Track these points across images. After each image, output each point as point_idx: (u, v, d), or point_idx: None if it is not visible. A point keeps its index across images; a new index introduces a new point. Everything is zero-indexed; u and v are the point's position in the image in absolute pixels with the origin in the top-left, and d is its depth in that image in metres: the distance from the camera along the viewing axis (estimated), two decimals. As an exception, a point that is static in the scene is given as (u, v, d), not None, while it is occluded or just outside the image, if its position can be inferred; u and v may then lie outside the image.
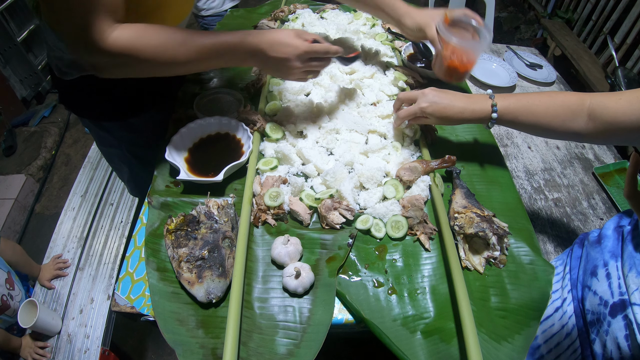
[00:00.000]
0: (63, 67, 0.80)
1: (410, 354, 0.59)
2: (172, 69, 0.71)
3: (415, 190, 0.76)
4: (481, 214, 0.70)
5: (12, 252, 1.34)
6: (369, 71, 1.05)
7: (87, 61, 0.66)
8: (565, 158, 1.19)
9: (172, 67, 0.70)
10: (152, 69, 0.70)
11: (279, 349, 0.59)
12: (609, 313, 0.59)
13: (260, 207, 0.73)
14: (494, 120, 0.76)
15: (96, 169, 1.79)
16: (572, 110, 0.68)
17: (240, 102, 0.96)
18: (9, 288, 1.25)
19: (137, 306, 0.65)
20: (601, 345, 0.60)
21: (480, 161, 0.88)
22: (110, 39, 0.62)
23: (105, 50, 0.62)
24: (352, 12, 1.33)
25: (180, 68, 0.71)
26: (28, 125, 2.47)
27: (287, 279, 0.63)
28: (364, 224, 0.72)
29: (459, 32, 0.86)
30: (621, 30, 2.15)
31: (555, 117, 0.70)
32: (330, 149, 0.86)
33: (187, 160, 0.81)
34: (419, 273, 0.68)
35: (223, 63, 0.75)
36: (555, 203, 1.06)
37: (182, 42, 0.67)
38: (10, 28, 2.25)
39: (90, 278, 1.42)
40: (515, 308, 0.64)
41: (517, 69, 1.43)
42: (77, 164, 2.28)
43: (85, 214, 1.63)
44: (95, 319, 1.32)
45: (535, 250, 0.71)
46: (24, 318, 1.20)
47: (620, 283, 0.59)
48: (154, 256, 0.69)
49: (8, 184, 2.07)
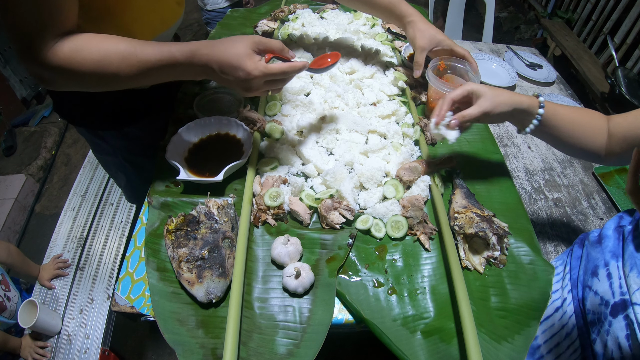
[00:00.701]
0: None
1: (410, 354, 0.59)
2: (115, 83, 0.65)
3: (415, 190, 0.76)
4: (481, 214, 0.70)
5: (7, 253, 1.33)
6: (369, 71, 1.05)
7: (31, 72, 0.62)
8: (565, 158, 1.19)
9: (115, 82, 0.64)
10: (95, 83, 0.65)
11: (279, 349, 0.59)
12: (610, 313, 0.59)
13: (260, 207, 0.73)
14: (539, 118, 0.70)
15: (96, 169, 1.79)
16: (599, 127, 0.70)
17: (240, 102, 0.96)
18: (4, 289, 1.25)
19: (137, 306, 0.65)
20: (602, 345, 0.60)
21: (480, 161, 0.88)
22: (50, 52, 0.58)
23: (44, 63, 0.58)
24: (352, 12, 1.33)
25: (124, 83, 0.65)
26: (28, 125, 2.47)
27: (287, 279, 0.63)
28: (364, 224, 0.72)
29: (451, 77, 0.94)
30: (621, 30, 2.15)
31: (587, 131, 0.71)
32: (330, 149, 0.86)
33: (187, 160, 0.81)
34: (419, 273, 0.68)
35: (172, 77, 0.68)
36: (555, 203, 1.06)
37: (125, 55, 0.61)
38: (10, 28, 2.25)
39: (90, 278, 1.43)
40: (515, 308, 0.64)
41: (517, 69, 1.43)
42: (77, 164, 2.28)
43: (85, 214, 1.63)
44: (95, 319, 1.32)
45: (535, 250, 0.71)
46: (24, 318, 1.20)
47: (622, 283, 0.59)
48: (154, 256, 0.69)
49: (8, 184, 2.07)
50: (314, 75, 1.04)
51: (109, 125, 0.90)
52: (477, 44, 1.62)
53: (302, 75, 1.03)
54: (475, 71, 0.90)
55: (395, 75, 1.04)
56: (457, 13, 2.16)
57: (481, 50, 1.56)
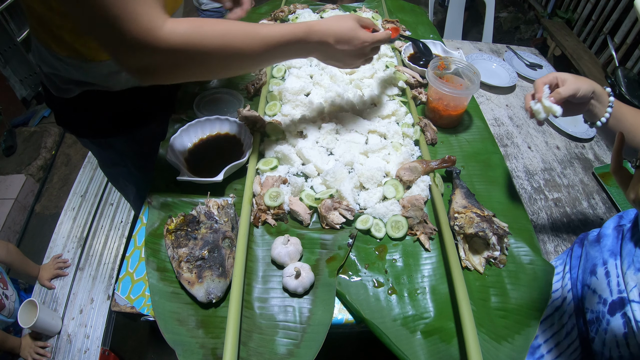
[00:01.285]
0: (61, 83, 0.75)
1: (410, 354, 0.59)
2: (238, 63, 0.63)
3: (415, 190, 0.76)
4: (481, 214, 0.70)
5: (5, 252, 1.33)
6: (369, 71, 1.05)
7: (133, 65, 0.56)
8: (565, 158, 1.19)
9: (238, 61, 0.62)
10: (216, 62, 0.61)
11: (279, 349, 0.59)
12: (608, 311, 0.59)
13: (260, 207, 0.73)
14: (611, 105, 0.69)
15: (96, 169, 1.79)
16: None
17: (240, 102, 0.96)
18: (2, 287, 1.25)
19: (137, 306, 0.65)
20: (601, 344, 0.60)
21: (480, 161, 0.88)
22: (165, 32, 0.52)
23: (160, 46, 0.52)
24: (352, 12, 1.33)
25: (246, 63, 0.64)
26: (28, 125, 2.47)
27: (287, 279, 0.63)
28: (364, 224, 0.72)
29: (451, 77, 0.95)
30: (621, 30, 2.15)
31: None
32: (330, 149, 0.86)
33: (187, 160, 0.81)
34: (419, 273, 0.68)
35: (287, 56, 0.71)
36: (555, 203, 1.06)
37: (248, 31, 0.60)
38: (10, 28, 2.25)
39: (90, 278, 1.42)
40: (515, 308, 0.64)
41: (517, 69, 1.43)
42: (77, 164, 2.28)
43: (85, 214, 1.63)
44: (95, 319, 1.32)
45: (535, 250, 0.71)
46: (24, 318, 1.19)
47: (619, 281, 0.59)
48: (154, 256, 0.69)
49: (8, 184, 2.07)
50: (314, 75, 1.04)
51: (117, 131, 0.88)
52: (477, 44, 1.62)
53: (301, 75, 1.04)
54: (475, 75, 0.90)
55: (396, 75, 1.04)
56: (457, 13, 2.16)
57: (481, 50, 1.56)
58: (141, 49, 0.52)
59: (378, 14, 1.35)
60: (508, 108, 1.34)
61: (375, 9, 1.39)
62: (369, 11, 1.34)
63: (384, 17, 1.35)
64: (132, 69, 0.57)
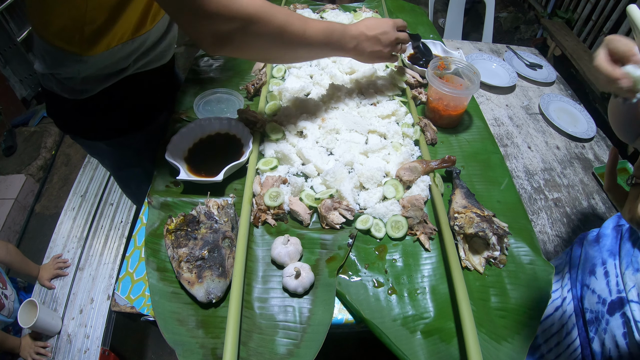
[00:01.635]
0: (78, 85, 0.74)
1: (410, 354, 0.59)
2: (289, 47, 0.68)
3: (415, 190, 0.76)
4: (481, 214, 0.70)
5: (5, 251, 1.33)
6: (369, 71, 1.05)
7: (208, 33, 0.59)
8: (565, 158, 1.19)
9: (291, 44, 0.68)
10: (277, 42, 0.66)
11: (279, 349, 0.59)
12: (607, 311, 0.59)
13: (260, 207, 0.73)
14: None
15: (96, 169, 1.79)
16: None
17: (240, 102, 0.96)
18: (1, 287, 1.25)
19: (137, 306, 0.65)
20: (600, 344, 0.60)
21: (480, 161, 0.88)
22: (245, 1, 0.57)
23: (238, 15, 0.56)
24: (351, 12, 1.33)
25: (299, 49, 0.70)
26: (28, 125, 2.47)
27: (287, 279, 0.63)
28: (364, 224, 0.72)
29: (451, 77, 0.96)
30: (621, 30, 2.15)
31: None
32: (330, 149, 0.86)
33: (187, 160, 0.81)
34: (419, 273, 0.68)
35: (327, 51, 0.77)
36: (555, 203, 1.06)
37: (301, 18, 0.66)
38: (10, 28, 2.25)
39: (90, 278, 1.42)
40: (515, 308, 0.64)
41: (517, 69, 1.43)
42: (77, 164, 2.28)
43: (85, 214, 1.63)
44: (95, 319, 1.32)
45: (535, 250, 0.71)
46: (24, 318, 1.19)
47: (618, 281, 0.60)
48: (154, 256, 0.69)
49: (8, 184, 2.07)
50: (314, 75, 1.04)
51: (135, 126, 0.87)
52: (477, 44, 1.62)
53: (301, 75, 1.04)
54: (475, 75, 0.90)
55: (396, 75, 1.04)
56: (457, 13, 2.16)
57: (481, 50, 1.56)
58: (220, 16, 0.55)
59: (378, 14, 1.35)
60: (508, 108, 1.34)
61: (375, 9, 1.39)
62: (369, 11, 1.34)
63: (383, 17, 1.35)
64: (207, 37, 0.59)
